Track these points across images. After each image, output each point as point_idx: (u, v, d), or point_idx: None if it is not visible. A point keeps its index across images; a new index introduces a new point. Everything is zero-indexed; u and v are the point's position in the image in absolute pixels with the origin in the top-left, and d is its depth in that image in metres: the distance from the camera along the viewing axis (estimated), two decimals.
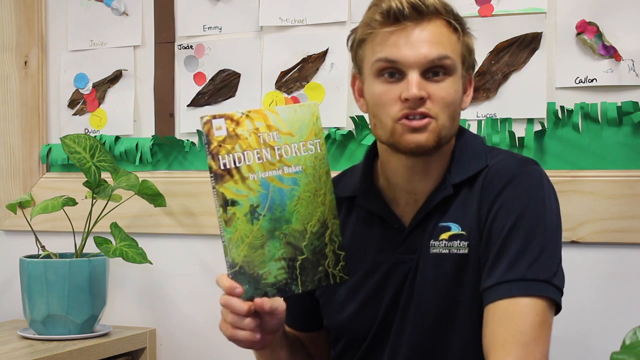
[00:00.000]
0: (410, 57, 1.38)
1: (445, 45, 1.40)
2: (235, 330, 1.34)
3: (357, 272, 1.49)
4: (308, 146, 1.37)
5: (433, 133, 1.39)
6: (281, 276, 1.35)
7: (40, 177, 2.48)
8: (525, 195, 1.40)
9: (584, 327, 1.91)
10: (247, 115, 1.32)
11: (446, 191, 1.44)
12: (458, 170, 1.45)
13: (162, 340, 2.36)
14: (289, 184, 1.35)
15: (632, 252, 1.90)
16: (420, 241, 1.45)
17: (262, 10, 2.23)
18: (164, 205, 2.26)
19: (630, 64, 1.89)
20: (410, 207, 1.47)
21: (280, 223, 1.34)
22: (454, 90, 1.40)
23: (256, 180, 1.32)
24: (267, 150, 1.33)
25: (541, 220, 1.38)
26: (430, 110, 1.38)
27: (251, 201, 1.31)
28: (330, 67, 2.17)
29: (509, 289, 1.33)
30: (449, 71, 1.40)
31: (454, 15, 1.43)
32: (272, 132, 1.33)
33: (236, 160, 1.30)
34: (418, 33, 1.39)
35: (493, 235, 1.38)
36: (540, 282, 1.34)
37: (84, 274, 2.18)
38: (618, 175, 1.90)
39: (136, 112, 2.39)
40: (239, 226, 1.30)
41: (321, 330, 1.61)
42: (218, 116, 1.30)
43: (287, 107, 1.37)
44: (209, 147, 1.29)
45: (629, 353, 0.84)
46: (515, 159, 1.47)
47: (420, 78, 1.38)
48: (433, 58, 1.38)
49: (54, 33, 2.49)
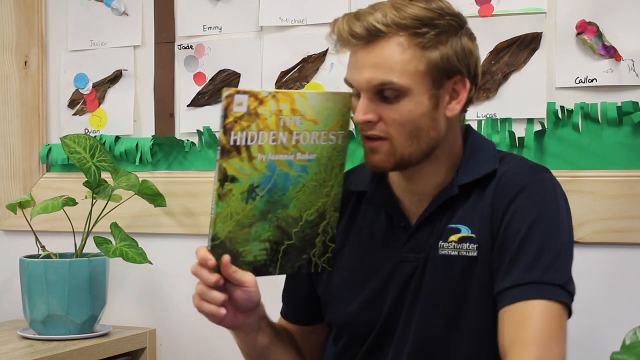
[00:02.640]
0: (356, 82, 1.37)
1: (391, 69, 1.33)
2: (202, 302, 1.35)
3: (362, 268, 1.49)
4: (330, 136, 1.36)
5: (387, 155, 1.38)
6: (261, 257, 1.35)
7: (40, 177, 2.48)
8: (540, 203, 1.39)
9: (584, 327, 1.91)
10: (274, 96, 1.29)
11: (452, 191, 1.44)
12: (466, 171, 1.45)
13: (162, 340, 2.36)
14: (298, 170, 1.34)
15: (632, 252, 1.90)
16: (427, 241, 1.45)
17: (262, 10, 2.23)
18: (164, 205, 2.26)
19: (630, 64, 1.89)
20: (415, 206, 1.48)
21: (276, 207, 1.34)
22: (408, 110, 1.35)
23: (264, 161, 1.30)
24: (285, 134, 1.31)
25: (555, 228, 1.38)
26: (383, 132, 1.36)
27: (252, 180, 1.30)
28: (330, 67, 2.17)
29: (526, 291, 1.33)
30: (400, 93, 1.35)
31: (414, 27, 1.34)
32: (296, 116, 1.32)
33: (248, 139, 1.28)
34: (365, 56, 1.35)
35: (508, 240, 1.38)
36: (556, 286, 1.34)
37: (84, 274, 2.18)
38: (618, 175, 1.90)
39: (136, 112, 2.39)
40: (232, 202, 1.30)
41: (316, 325, 1.61)
42: (242, 91, 1.26)
43: (319, 94, 1.35)
44: (224, 120, 1.26)
45: (629, 353, 0.85)
46: (527, 165, 1.46)
47: (373, 99, 1.36)
48: (375, 84, 1.35)
49: (54, 33, 2.49)
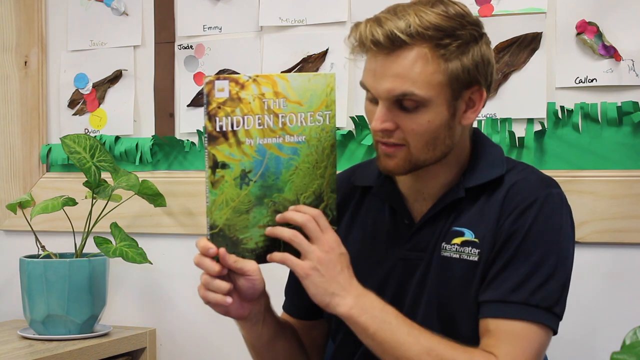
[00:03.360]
0: (377, 89, 1.36)
1: (413, 80, 1.32)
2: (207, 292, 1.34)
3: (362, 264, 1.49)
4: (316, 117, 1.36)
5: (403, 160, 1.38)
6: (262, 243, 1.34)
7: (40, 177, 2.48)
8: (545, 220, 1.40)
9: (584, 327, 1.91)
10: (255, 80, 1.30)
11: (458, 193, 1.44)
12: (473, 175, 1.45)
13: (162, 340, 2.36)
14: (288, 153, 1.34)
15: (632, 252, 1.90)
16: (429, 241, 1.45)
17: (262, 10, 2.23)
18: (164, 205, 2.26)
19: (630, 64, 1.89)
20: (420, 204, 1.48)
21: (271, 191, 1.33)
22: (427, 120, 1.35)
23: (252, 145, 1.30)
24: (270, 117, 1.31)
25: (555, 247, 1.40)
26: (400, 140, 1.36)
27: (243, 166, 1.30)
28: (330, 67, 2.17)
29: (509, 310, 1.35)
30: (420, 104, 1.34)
31: (437, 38, 1.33)
32: (279, 99, 1.32)
33: (234, 124, 1.28)
34: (386, 65, 1.34)
35: (505, 249, 1.39)
36: (542, 309, 1.36)
37: (84, 274, 2.18)
38: (618, 175, 1.90)
39: (136, 112, 2.39)
40: (226, 189, 1.29)
41: (317, 320, 1.61)
42: (222, 77, 1.27)
43: (301, 75, 1.35)
44: (208, 107, 1.26)
45: (629, 353, 0.84)
46: (538, 177, 1.46)
47: (391, 108, 1.35)
48: (396, 94, 1.34)
49: (54, 33, 2.49)
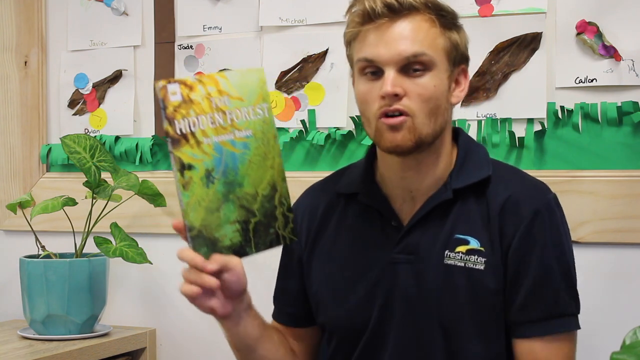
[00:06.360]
0: (385, 55, 1.39)
1: (422, 41, 1.40)
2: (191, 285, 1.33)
3: (352, 269, 1.49)
4: (257, 110, 1.39)
5: (409, 131, 1.39)
6: (236, 239, 1.36)
7: (40, 177, 2.48)
8: (555, 231, 1.45)
9: (583, 327, 1.90)
10: (200, 81, 1.33)
11: (446, 195, 1.44)
12: (460, 176, 1.46)
13: (162, 340, 2.35)
14: (241, 148, 1.37)
15: (632, 252, 1.90)
16: (420, 243, 1.45)
17: (262, 10, 2.23)
18: (164, 205, 2.26)
19: (630, 64, 1.89)
20: (408, 205, 1.48)
21: (234, 186, 1.36)
22: (433, 85, 1.40)
23: (210, 144, 1.33)
24: (219, 114, 1.35)
25: (568, 251, 1.47)
26: (406, 107, 1.39)
27: (206, 165, 1.33)
28: (330, 67, 2.17)
29: (552, 325, 1.44)
30: (427, 67, 1.40)
31: (437, 9, 1.42)
32: (223, 96, 1.35)
33: (191, 125, 1.31)
34: (393, 30, 1.40)
35: (528, 270, 1.43)
36: (574, 316, 1.46)
37: (84, 274, 2.18)
38: (618, 175, 1.90)
39: (136, 112, 2.39)
40: (196, 190, 1.32)
41: (308, 327, 1.61)
42: (173, 81, 1.31)
43: (235, 72, 1.39)
44: (165, 111, 1.29)
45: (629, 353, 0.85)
46: (530, 184, 1.49)
47: (398, 74, 1.39)
48: (408, 55, 1.39)
49: (54, 33, 2.49)
